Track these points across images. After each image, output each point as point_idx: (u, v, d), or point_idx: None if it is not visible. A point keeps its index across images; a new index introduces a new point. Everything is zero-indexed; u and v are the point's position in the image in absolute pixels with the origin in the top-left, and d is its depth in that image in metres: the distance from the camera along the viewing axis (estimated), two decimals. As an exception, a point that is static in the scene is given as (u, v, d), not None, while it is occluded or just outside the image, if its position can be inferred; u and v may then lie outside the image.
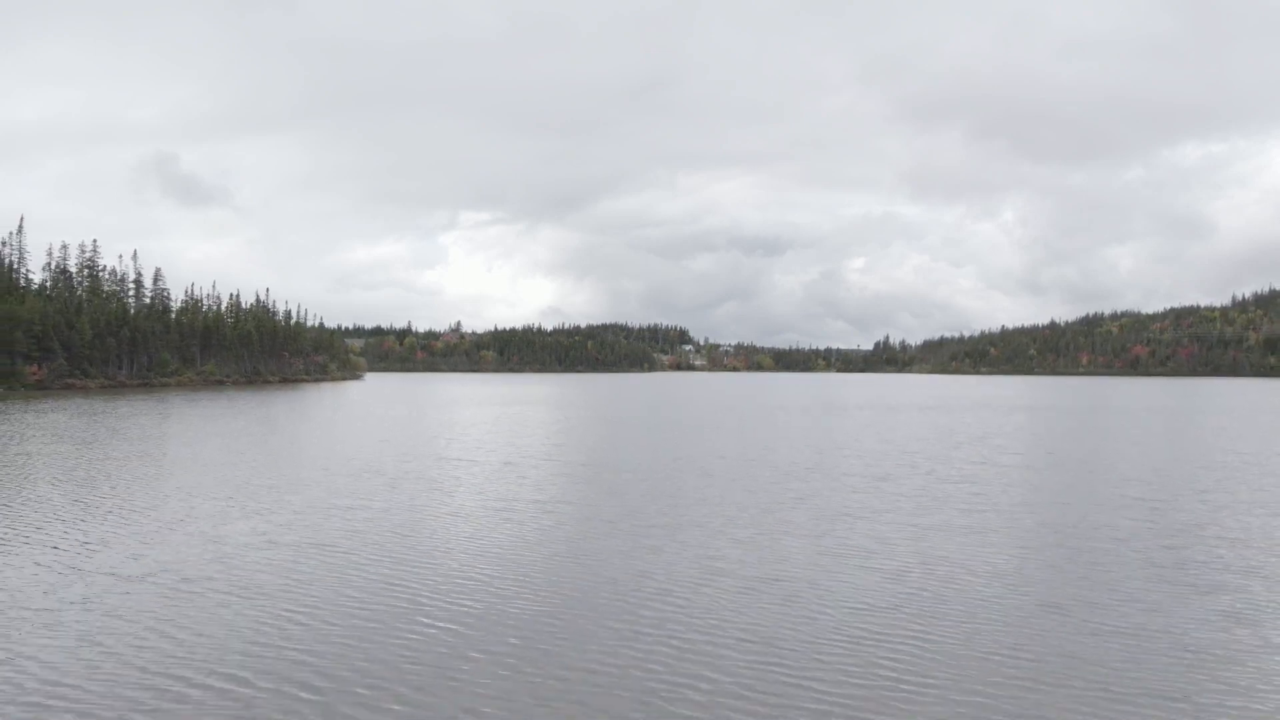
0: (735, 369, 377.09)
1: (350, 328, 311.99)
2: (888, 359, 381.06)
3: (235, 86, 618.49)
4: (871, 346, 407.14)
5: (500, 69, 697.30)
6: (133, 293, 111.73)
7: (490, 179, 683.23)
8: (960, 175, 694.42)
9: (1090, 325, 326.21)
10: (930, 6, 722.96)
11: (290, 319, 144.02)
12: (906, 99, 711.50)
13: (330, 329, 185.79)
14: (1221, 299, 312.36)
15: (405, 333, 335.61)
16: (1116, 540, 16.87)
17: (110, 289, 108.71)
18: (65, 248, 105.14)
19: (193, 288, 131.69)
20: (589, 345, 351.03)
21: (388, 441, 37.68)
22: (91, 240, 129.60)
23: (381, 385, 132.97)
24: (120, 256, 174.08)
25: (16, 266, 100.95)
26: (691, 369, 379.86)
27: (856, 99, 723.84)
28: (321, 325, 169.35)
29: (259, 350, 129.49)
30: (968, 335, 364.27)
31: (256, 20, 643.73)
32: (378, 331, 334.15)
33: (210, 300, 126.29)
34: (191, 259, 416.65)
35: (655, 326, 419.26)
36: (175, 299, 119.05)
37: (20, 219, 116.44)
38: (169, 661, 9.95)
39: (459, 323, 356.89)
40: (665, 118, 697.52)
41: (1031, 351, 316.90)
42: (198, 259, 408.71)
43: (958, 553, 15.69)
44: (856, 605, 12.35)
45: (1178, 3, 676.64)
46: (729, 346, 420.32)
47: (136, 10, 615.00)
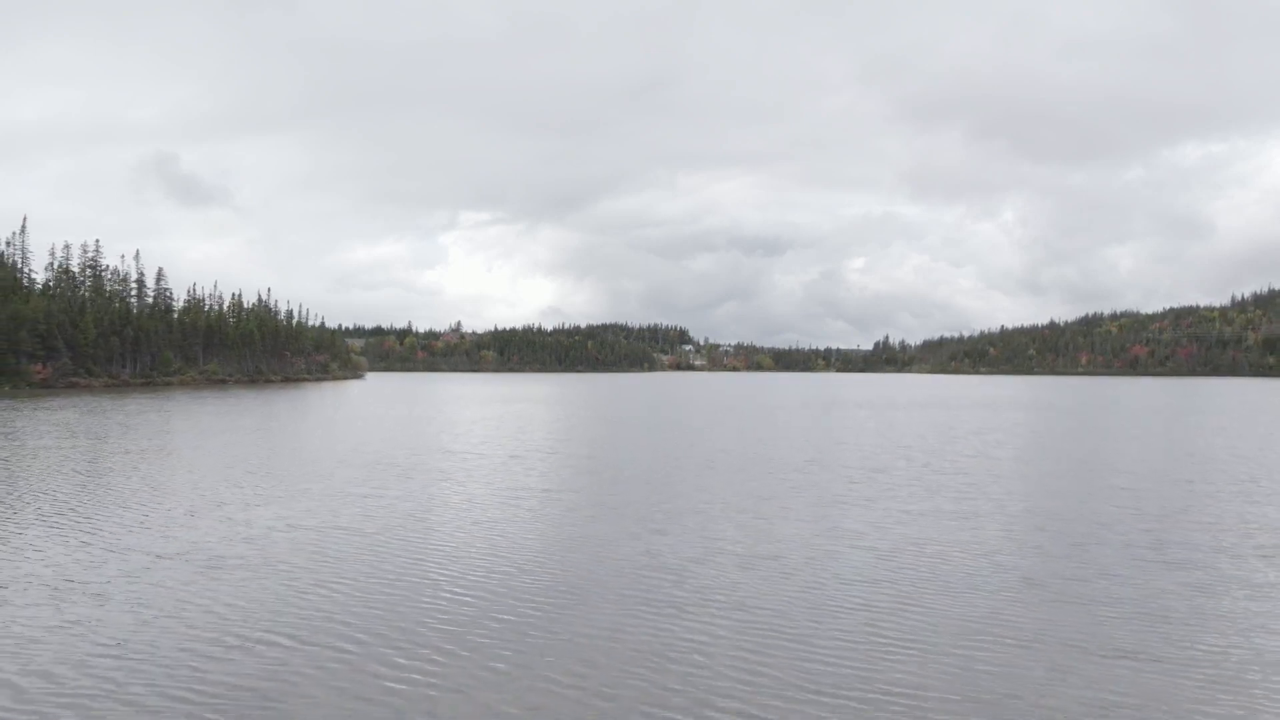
0: (735, 369, 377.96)
1: (350, 328, 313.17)
2: (887, 359, 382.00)
3: (235, 86, 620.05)
4: (871, 346, 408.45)
5: (500, 69, 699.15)
6: (135, 292, 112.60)
7: (490, 179, 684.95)
8: (960, 175, 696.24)
9: (1089, 325, 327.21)
10: (930, 6, 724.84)
11: (292, 319, 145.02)
12: (906, 99, 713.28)
13: (331, 329, 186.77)
14: (1221, 299, 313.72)
15: (405, 333, 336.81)
16: (1098, 525, 17.73)
17: (113, 289, 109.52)
18: (68, 248, 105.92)
19: (195, 287, 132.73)
20: (589, 345, 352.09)
21: (396, 437, 38.55)
22: (94, 240, 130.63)
23: (383, 384, 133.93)
24: (122, 256, 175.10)
25: (20, 266, 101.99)
26: (691, 369, 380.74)
27: (856, 99, 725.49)
28: (323, 325, 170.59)
29: (261, 350, 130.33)
30: (967, 335, 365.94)
31: (256, 20, 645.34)
32: (378, 331, 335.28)
33: (212, 300, 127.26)
34: (191, 259, 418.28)
35: (655, 326, 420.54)
36: (177, 299, 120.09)
37: (23, 219, 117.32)
38: (208, 624, 10.79)
39: (459, 323, 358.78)
40: (665, 118, 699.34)
41: (1031, 351, 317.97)
42: (198, 259, 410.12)
43: (946, 535, 16.54)
44: (849, 579, 13.20)
45: (1178, 3, 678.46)
46: (729, 346, 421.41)
47: (136, 10, 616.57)
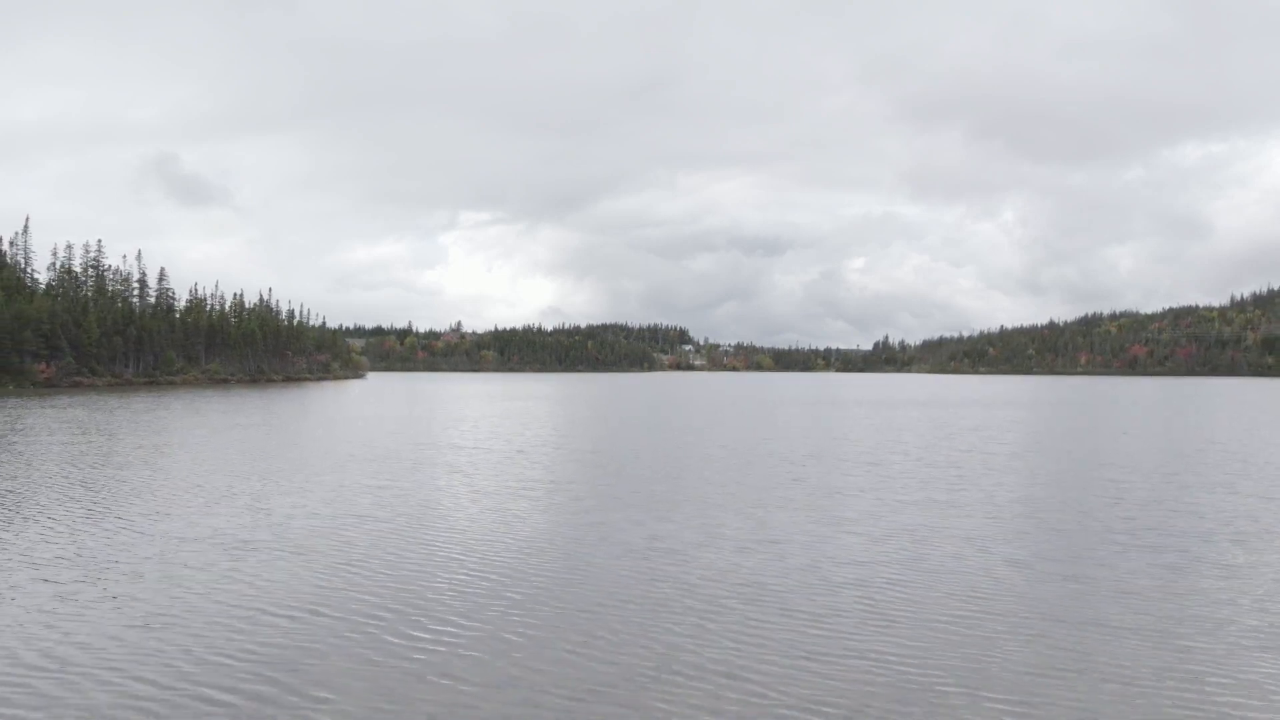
0: (735, 369, 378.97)
1: (351, 327, 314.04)
2: (887, 359, 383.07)
3: (235, 86, 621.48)
4: (871, 346, 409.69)
5: (500, 69, 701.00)
6: (137, 292, 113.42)
7: (490, 179, 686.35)
8: (960, 175, 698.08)
9: (1089, 325, 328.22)
10: (930, 6, 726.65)
11: (294, 319, 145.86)
12: (906, 99, 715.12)
13: (332, 329, 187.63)
14: (1220, 299, 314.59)
15: (406, 333, 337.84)
16: (1081, 513, 18.52)
17: (115, 289, 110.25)
18: (70, 248, 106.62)
19: (197, 287, 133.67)
20: (589, 345, 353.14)
21: (403, 433, 39.33)
22: (96, 240, 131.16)
23: (385, 384, 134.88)
24: (124, 256, 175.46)
25: (24, 267, 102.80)
26: (691, 369, 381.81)
27: (856, 99, 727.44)
28: (324, 325, 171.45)
29: (263, 350, 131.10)
30: (967, 335, 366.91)
31: (256, 20, 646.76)
32: (378, 331, 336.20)
33: (214, 300, 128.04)
34: (191, 259, 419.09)
35: (655, 326, 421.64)
36: (179, 299, 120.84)
37: (26, 219, 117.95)
38: (238, 599, 11.56)
39: (459, 323, 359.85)
40: (665, 118, 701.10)
41: (1030, 351, 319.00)
42: (198, 259, 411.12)
43: (934, 522, 17.32)
44: (841, 561, 13.98)
45: (1178, 3, 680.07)
46: (729, 346, 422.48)
47: (136, 10, 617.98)
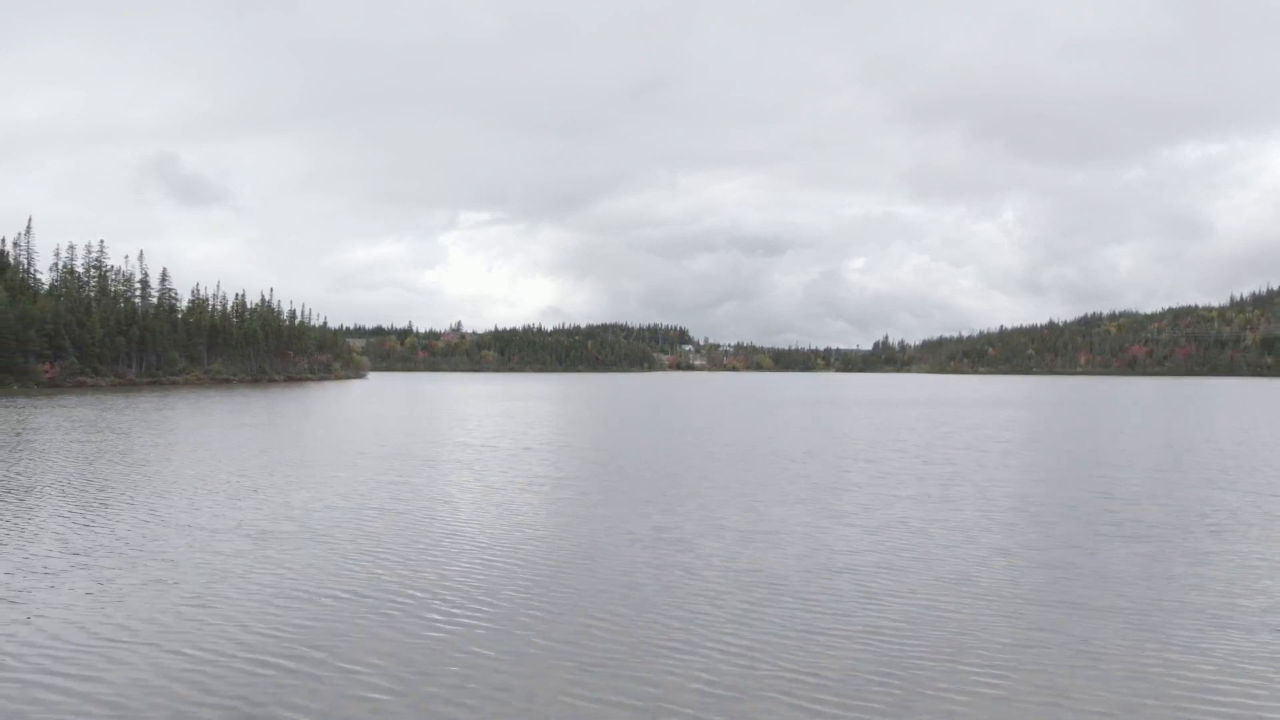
0: (735, 369, 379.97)
1: (351, 328, 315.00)
2: (887, 359, 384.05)
3: (235, 86, 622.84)
4: (871, 346, 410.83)
5: (500, 69, 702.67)
6: (139, 293, 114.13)
7: (490, 179, 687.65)
8: (960, 175, 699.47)
9: (1088, 325, 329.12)
10: (930, 6, 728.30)
11: (295, 319, 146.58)
12: (906, 99, 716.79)
13: (333, 329, 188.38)
14: (1220, 299, 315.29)
15: (406, 333, 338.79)
16: (1068, 506, 19.26)
17: (117, 289, 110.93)
18: (72, 248, 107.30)
19: (198, 288, 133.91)
20: (589, 345, 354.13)
21: (410, 431, 40.07)
22: (98, 241, 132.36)
23: (386, 384, 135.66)
24: (126, 257, 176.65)
25: (27, 267, 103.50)
26: (691, 369, 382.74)
27: (856, 99, 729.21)
28: (325, 325, 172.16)
29: (264, 350, 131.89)
30: (967, 335, 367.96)
31: (256, 20, 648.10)
32: (378, 331, 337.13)
33: (216, 300, 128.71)
34: (192, 259, 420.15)
35: (655, 326, 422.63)
36: (180, 299, 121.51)
37: (29, 220, 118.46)
38: (269, 582, 12.29)
39: (459, 323, 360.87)
40: (665, 118, 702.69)
41: (1030, 351, 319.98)
42: (198, 259, 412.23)
43: (928, 514, 18.05)
44: (837, 550, 14.71)
45: (1178, 3, 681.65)
46: (729, 346, 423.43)
47: (136, 10, 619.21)
